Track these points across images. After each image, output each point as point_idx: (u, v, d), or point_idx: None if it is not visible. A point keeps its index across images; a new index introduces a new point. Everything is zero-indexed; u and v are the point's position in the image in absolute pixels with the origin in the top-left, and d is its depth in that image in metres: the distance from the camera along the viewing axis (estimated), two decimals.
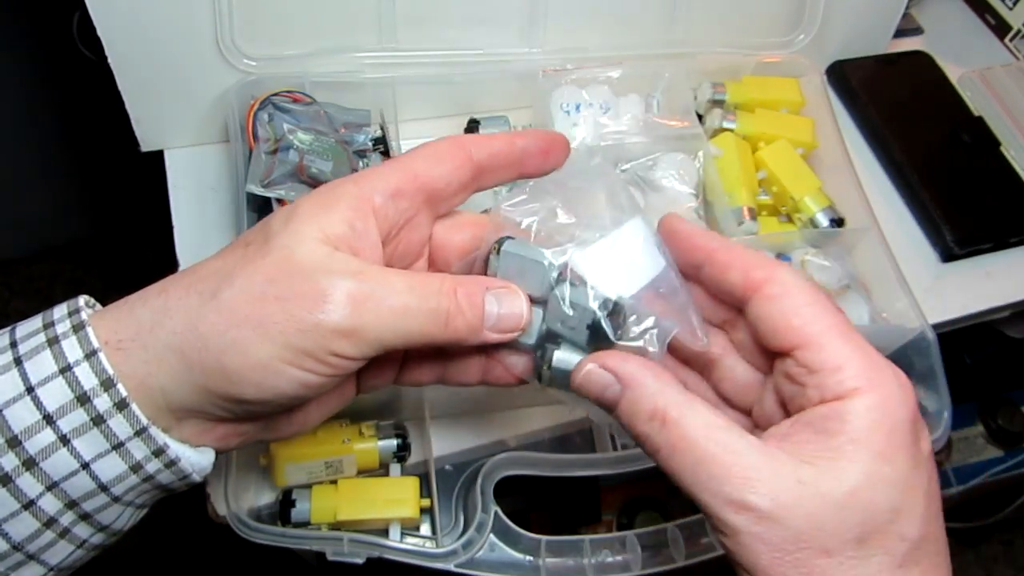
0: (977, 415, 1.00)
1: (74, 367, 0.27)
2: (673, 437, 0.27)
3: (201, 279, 0.28)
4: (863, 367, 0.27)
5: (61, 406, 0.27)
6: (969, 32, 0.75)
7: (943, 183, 0.61)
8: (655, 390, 0.28)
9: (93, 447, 0.27)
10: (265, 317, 0.27)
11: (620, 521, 0.72)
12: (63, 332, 0.27)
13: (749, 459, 0.26)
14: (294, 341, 0.27)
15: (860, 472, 0.26)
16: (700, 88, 0.60)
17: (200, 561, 1.11)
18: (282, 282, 0.27)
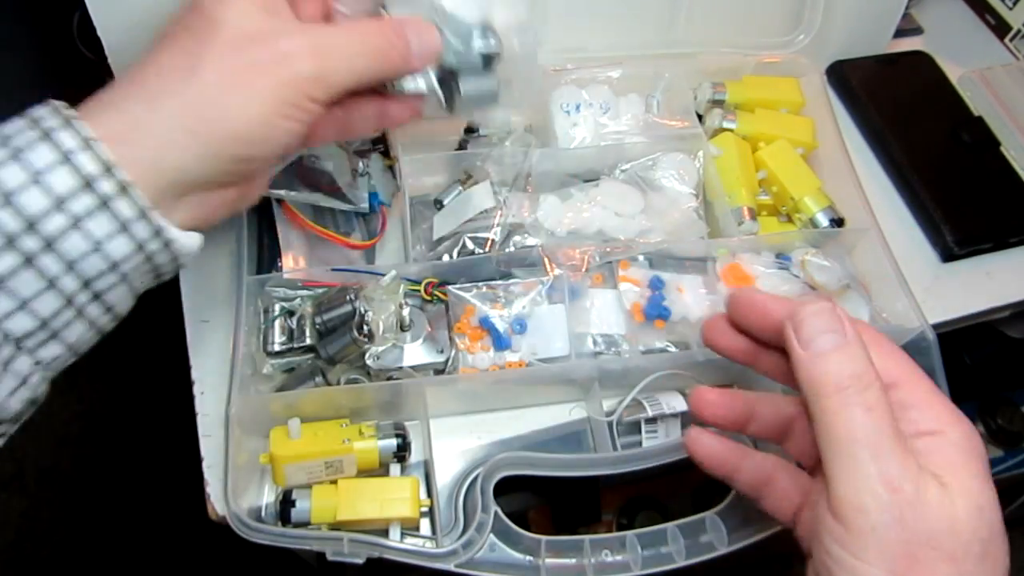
0: (977, 415, 1.00)
1: (75, 154, 0.30)
2: (873, 399, 0.29)
3: (171, 66, 0.33)
4: (946, 407, 0.30)
5: (69, 189, 0.30)
6: (969, 32, 0.75)
7: (943, 183, 0.61)
8: (867, 357, 0.29)
9: (103, 228, 0.30)
10: (251, 81, 0.32)
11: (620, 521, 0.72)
12: (53, 126, 0.30)
13: (909, 454, 0.28)
14: (281, 95, 0.33)
15: (983, 492, 0.28)
16: (700, 88, 0.60)
17: (200, 561, 1.11)
18: (247, 50, 0.32)
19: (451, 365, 0.48)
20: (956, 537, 0.27)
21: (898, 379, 0.30)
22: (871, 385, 0.29)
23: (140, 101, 0.32)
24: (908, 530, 0.27)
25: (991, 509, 0.28)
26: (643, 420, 0.48)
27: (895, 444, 0.28)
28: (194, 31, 0.33)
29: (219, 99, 0.32)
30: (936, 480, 0.28)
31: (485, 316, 0.48)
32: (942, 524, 0.27)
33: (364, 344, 0.46)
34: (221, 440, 0.45)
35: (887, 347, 0.31)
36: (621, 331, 0.49)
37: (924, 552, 0.27)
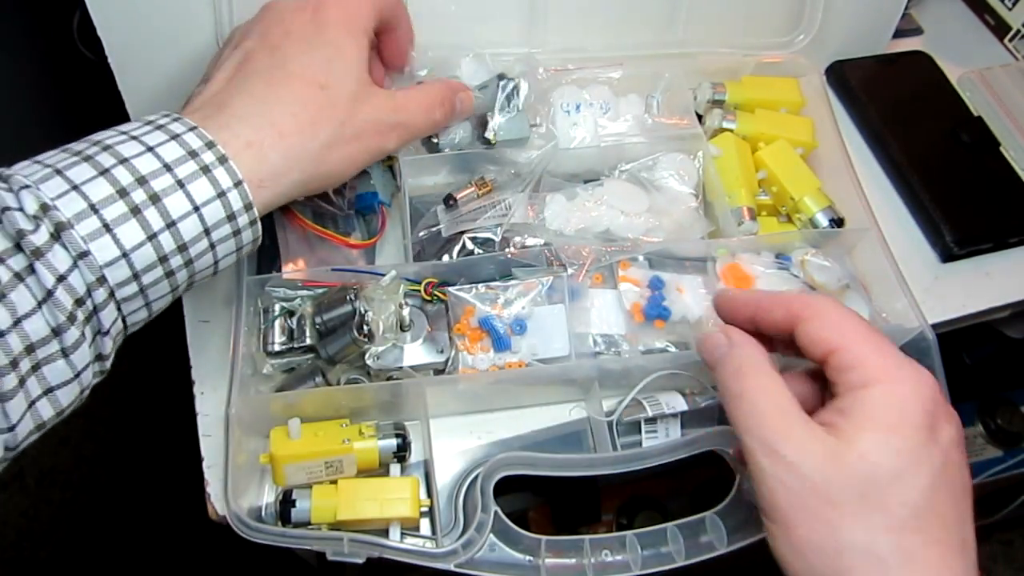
0: (976, 415, 1.00)
1: (184, 135, 0.36)
2: (744, 387, 0.35)
3: (312, 123, 0.39)
4: (880, 363, 0.33)
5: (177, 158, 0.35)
6: (969, 32, 0.75)
7: (943, 183, 0.61)
8: (748, 352, 0.36)
9: (203, 192, 0.35)
10: (354, 149, 0.42)
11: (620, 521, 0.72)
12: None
13: (789, 420, 0.33)
14: (370, 159, 0.44)
15: (869, 440, 0.31)
16: (700, 88, 0.60)
17: (200, 561, 1.11)
18: (358, 120, 0.42)
19: (451, 365, 0.48)
20: (830, 484, 0.31)
21: (837, 346, 0.34)
22: (743, 376, 0.35)
23: (286, 156, 0.39)
24: (787, 486, 0.32)
25: (878, 454, 0.31)
26: (643, 420, 0.48)
27: (771, 417, 0.33)
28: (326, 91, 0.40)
29: (327, 157, 0.40)
30: (830, 434, 0.32)
31: (485, 317, 0.48)
32: (817, 474, 0.31)
33: (364, 344, 0.46)
34: (221, 440, 0.45)
35: (833, 318, 0.35)
36: (621, 331, 0.49)
37: (805, 501, 0.31)
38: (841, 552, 0.30)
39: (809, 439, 0.32)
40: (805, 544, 0.31)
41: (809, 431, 0.32)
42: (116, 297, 0.33)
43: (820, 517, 0.31)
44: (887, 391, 0.32)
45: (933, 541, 0.30)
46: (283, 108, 0.38)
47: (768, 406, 0.34)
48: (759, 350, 0.36)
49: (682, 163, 0.55)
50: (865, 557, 0.30)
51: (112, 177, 0.32)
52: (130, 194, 0.32)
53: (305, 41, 0.41)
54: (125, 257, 0.32)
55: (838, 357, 0.34)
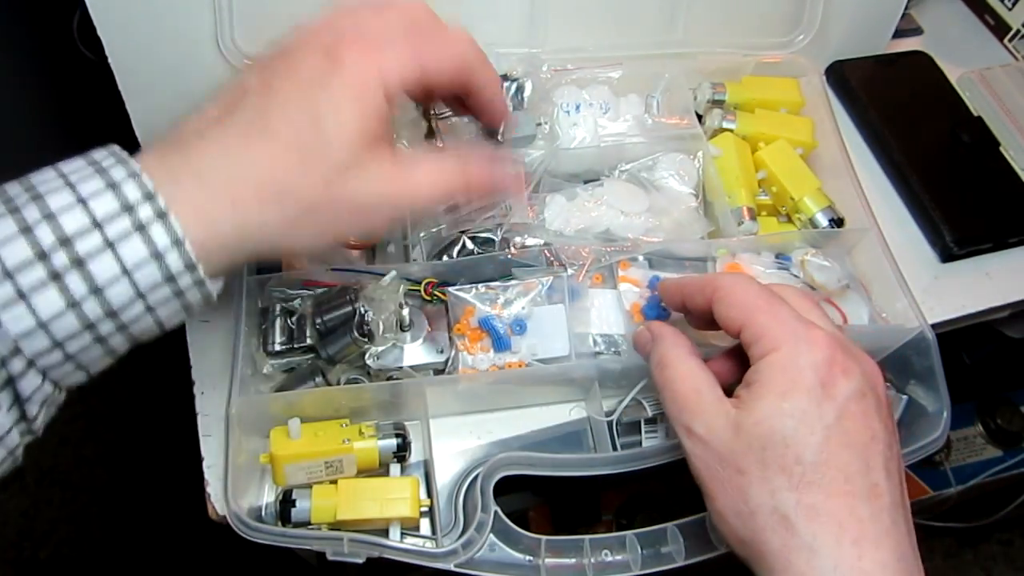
0: (976, 415, 1.00)
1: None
2: (666, 377, 0.38)
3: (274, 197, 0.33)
4: (778, 332, 0.35)
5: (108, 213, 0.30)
6: (968, 32, 0.75)
7: (942, 183, 0.61)
8: (669, 344, 0.39)
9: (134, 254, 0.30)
10: (328, 233, 0.36)
11: (620, 521, 0.72)
12: (147, 219, 0.30)
13: (703, 400, 0.36)
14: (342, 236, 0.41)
15: (764, 407, 0.33)
16: (700, 88, 0.61)
17: (200, 561, 1.12)
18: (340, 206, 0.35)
19: (451, 365, 0.48)
20: (734, 453, 0.34)
21: (743, 321, 0.36)
22: (664, 367, 0.38)
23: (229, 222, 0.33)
24: (702, 460, 0.35)
25: (771, 419, 0.33)
26: (643, 420, 0.48)
27: (688, 400, 0.36)
28: (298, 140, 0.33)
29: (289, 233, 0.34)
30: (736, 407, 0.34)
31: (485, 317, 0.48)
32: (723, 445, 0.34)
33: (364, 344, 0.46)
34: (221, 440, 0.45)
35: (739, 296, 0.37)
36: (621, 331, 0.49)
37: (718, 472, 0.34)
38: (754, 514, 0.33)
39: (716, 414, 0.35)
40: (725, 511, 0.34)
41: (717, 407, 0.35)
42: (36, 365, 0.30)
43: (732, 485, 0.33)
44: (780, 357, 0.34)
45: (836, 493, 0.32)
46: (249, 172, 0.33)
47: (686, 389, 0.36)
48: (679, 340, 0.39)
49: (682, 163, 0.55)
50: (773, 516, 0.32)
51: (33, 238, 0.29)
52: (50, 257, 0.29)
53: (302, 90, 0.34)
54: (43, 327, 0.29)
55: (745, 333, 0.36)
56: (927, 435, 0.47)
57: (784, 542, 0.32)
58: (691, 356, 0.38)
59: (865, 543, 0.31)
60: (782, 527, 0.32)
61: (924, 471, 0.96)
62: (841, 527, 0.31)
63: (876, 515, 0.32)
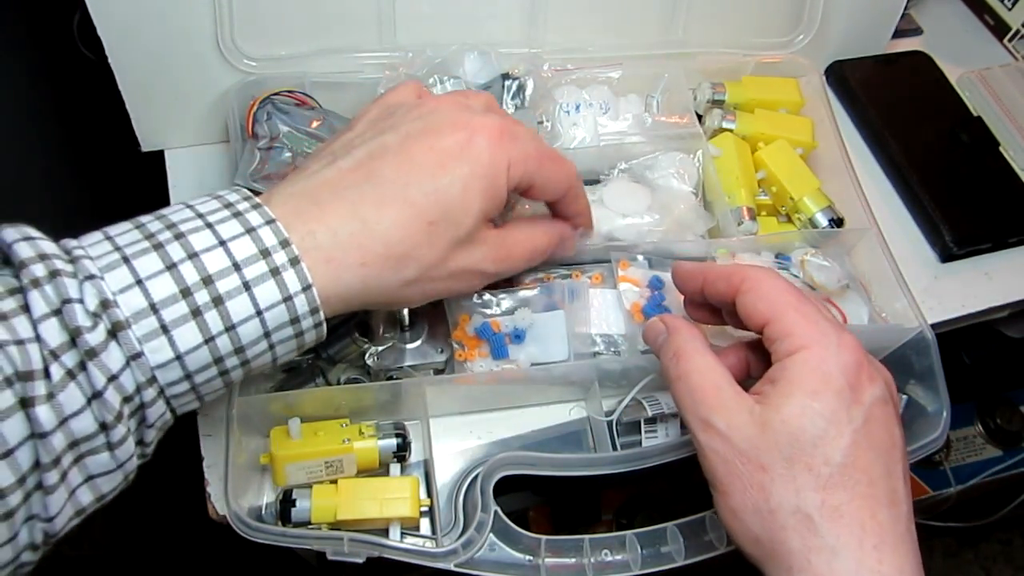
0: (976, 415, 1.00)
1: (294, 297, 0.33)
2: (681, 370, 0.37)
3: (399, 259, 0.36)
4: (807, 331, 0.34)
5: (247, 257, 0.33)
6: (968, 32, 0.75)
7: (942, 183, 0.61)
8: (684, 337, 0.38)
9: (269, 295, 0.33)
10: (438, 292, 0.40)
11: (620, 521, 0.72)
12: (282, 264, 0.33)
13: (722, 394, 0.35)
14: (447, 296, 0.43)
15: (793, 405, 0.33)
16: (700, 88, 0.61)
17: (200, 561, 1.11)
18: (452, 271, 0.39)
19: (450, 365, 0.48)
20: (758, 449, 0.33)
21: (769, 318, 0.35)
22: (679, 359, 0.37)
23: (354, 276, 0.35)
24: (722, 456, 0.34)
25: (800, 418, 0.33)
26: (643, 420, 0.48)
27: (706, 394, 0.35)
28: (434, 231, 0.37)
29: (405, 291, 0.38)
30: (758, 403, 0.34)
31: (482, 325, 0.48)
32: (746, 442, 0.33)
33: (364, 344, 0.46)
34: (221, 440, 0.45)
35: (766, 289, 0.36)
36: (621, 331, 0.49)
37: (738, 468, 0.33)
38: (774, 512, 0.32)
39: (739, 410, 0.34)
40: (741, 508, 0.33)
41: (739, 402, 0.34)
42: (166, 395, 0.32)
43: (753, 482, 0.33)
44: (810, 357, 0.34)
45: (859, 496, 0.32)
46: (380, 234, 0.35)
47: (703, 383, 0.35)
48: (694, 333, 0.38)
49: (682, 163, 0.55)
50: (795, 516, 0.32)
51: (178, 274, 0.31)
52: (194, 295, 0.31)
53: (442, 167, 0.36)
54: (179, 359, 0.31)
55: (771, 328, 0.35)
56: (927, 435, 0.47)
57: (805, 542, 0.32)
58: (708, 350, 0.37)
59: (885, 548, 0.31)
60: (804, 527, 0.32)
61: (924, 471, 0.96)
62: (863, 530, 0.31)
63: (895, 520, 0.32)
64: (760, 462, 0.33)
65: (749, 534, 0.33)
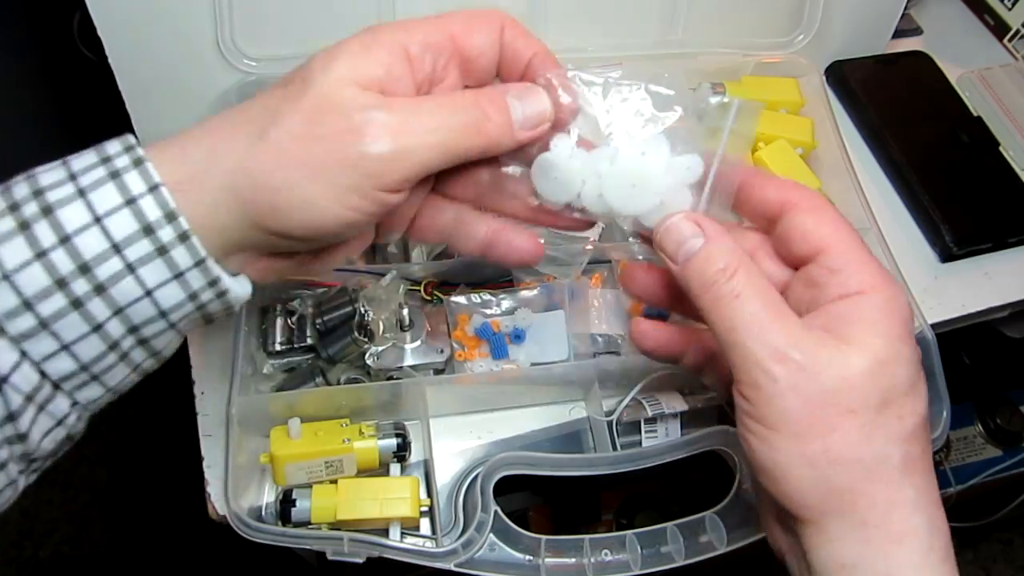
0: (975, 415, 1.00)
1: (139, 199, 0.28)
2: (740, 286, 0.30)
3: (247, 119, 0.30)
4: (875, 272, 0.31)
5: (128, 236, 0.28)
6: (968, 33, 0.75)
7: (942, 183, 0.61)
8: (731, 247, 0.31)
9: (157, 276, 0.29)
10: (310, 156, 0.29)
11: (619, 521, 0.72)
12: (123, 166, 0.29)
13: (792, 324, 0.30)
14: (340, 179, 0.29)
15: (885, 348, 0.29)
16: (700, 88, 0.60)
17: (200, 561, 1.11)
18: (321, 122, 0.29)
19: (450, 365, 0.48)
20: (851, 391, 0.29)
21: (829, 245, 0.31)
22: (736, 272, 0.31)
23: (202, 152, 0.30)
24: (803, 393, 0.29)
25: (896, 363, 0.30)
26: (642, 420, 0.48)
27: (773, 318, 0.30)
28: (286, 89, 0.30)
29: (273, 168, 0.29)
30: (835, 340, 0.30)
31: (482, 326, 0.48)
32: (836, 380, 0.29)
33: (364, 344, 0.46)
34: (221, 440, 0.45)
35: (828, 215, 0.32)
36: (621, 331, 0.50)
37: (822, 409, 0.29)
38: (859, 461, 0.29)
39: (819, 344, 0.30)
40: (818, 454, 0.29)
41: (817, 337, 0.30)
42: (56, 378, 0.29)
43: (836, 426, 0.29)
44: (888, 298, 0.30)
45: (927, 450, 0.31)
46: (235, 114, 0.31)
47: (770, 308, 0.30)
48: (736, 244, 0.32)
49: None
50: (881, 466, 0.29)
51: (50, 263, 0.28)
52: (70, 285, 0.28)
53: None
54: (69, 352, 0.29)
55: (830, 258, 0.31)
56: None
57: (887, 494, 0.29)
58: (757, 265, 0.32)
59: (940, 504, 0.31)
60: (888, 478, 0.29)
61: None
62: (931, 485, 0.30)
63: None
64: (848, 405, 0.29)
65: (821, 485, 0.29)
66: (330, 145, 0.29)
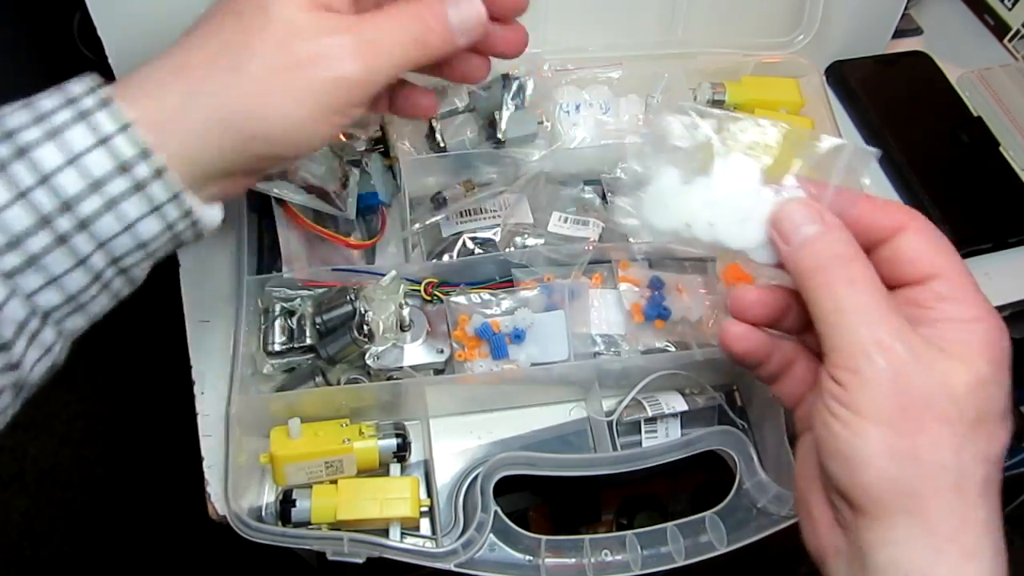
0: None
1: (112, 138, 0.30)
2: (856, 274, 0.31)
3: (215, 54, 0.32)
4: (982, 303, 0.32)
5: (105, 173, 0.30)
6: (968, 33, 0.75)
7: (942, 183, 0.61)
8: (852, 239, 0.32)
9: (135, 210, 0.31)
10: (291, 85, 0.32)
11: (619, 521, 0.72)
12: (92, 106, 0.30)
13: (903, 322, 0.30)
14: (322, 100, 0.32)
15: (988, 371, 0.30)
16: (700, 88, 0.61)
17: (200, 561, 1.12)
18: (292, 51, 0.32)
19: (450, 365, 0.48)
20: (951, 400, 0.29)
21: (941, 271, 0.32)
22: (853, 260, 0.31)
23: (179, 91, 0.32)
24: (901, 387, 0.29)
25: (995, 387, 0.30)
26: (643, 420, 0.48)
27: (884, 310, 0.30)
28: (243, 20, 0.33)
29: (257, 100, 0.32)
30: (940, 350, 0.30)
31: (482, 326, 0.48)
32: (937, 386, 0.29)
33: (364, 344, 0.46)
34: (221, 440, 0.45)
35: (938, 241, 0.33)
36: (621, 331, 0.50)
37: (917, 409, 0.29)
38: (944, 469, 0.29)
39: (926, 347, 0.30)
40: (907, 451, 0.29)
41: (924, 341, 0.30)
42: (44, 309, 0.31)
43: (930, 430, 0.29)
44: (992, 331, 0.31)
45: (1000, 477, 0.30)
46: (196, 52, 0.33)
47: (882, 301, 0.30)
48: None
49: None
50: (963, 479, 0.29)
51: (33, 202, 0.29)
52: (54, 222, 0.29)
53: None
54: (58, 284, 0.30)
55: (942, 283, 0.32)
56: None
57: (965, 511, 0.29)
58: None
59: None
60: (968, 493, 0.29)
61: None
62: (999, 512, 0.30)
63: None
64: (945, 412, 0.29)
65: (900, 482, 0.29)
66: (307, 72, 0.32)
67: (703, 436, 0.47)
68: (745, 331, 0.37)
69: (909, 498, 0.29)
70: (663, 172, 0.35)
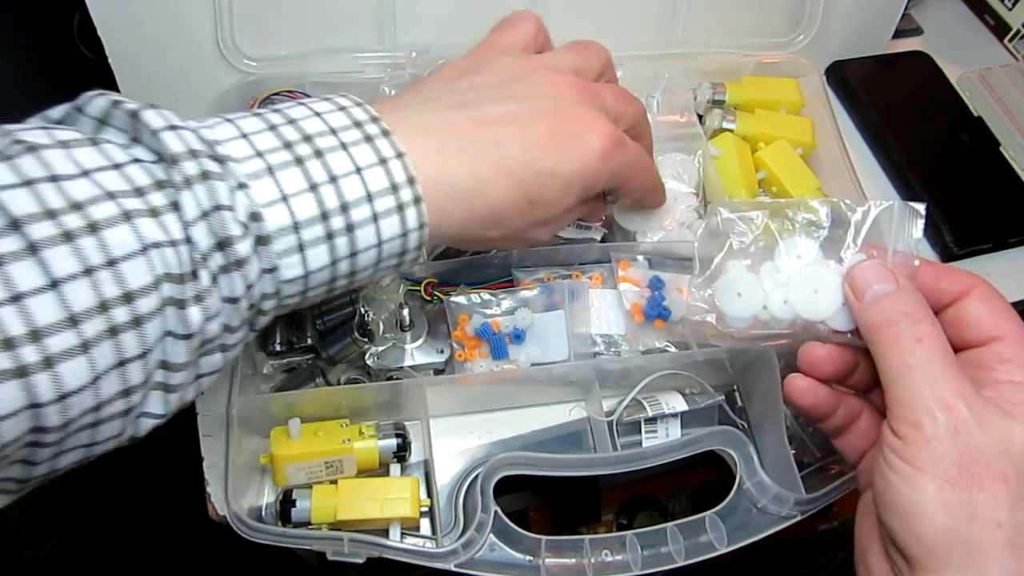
0: None
1: (388, 161, 0.33)
2: (924, 332, 0.32)
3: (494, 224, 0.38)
4: None
5: (380, 189, 0.33)
6: (968, 33, 0.75)
7: (942, 183, 0.61)
8: (922, 299, 0.34)
9: (391, 230, 0.34)
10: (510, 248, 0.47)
11: (620, 521, 0.72)
12: (375, 133, 0.34)
13: (967, 382, 0.32)
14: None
15: None
16: (700, 88, 0.61)
17: (200, 561, 1.11)
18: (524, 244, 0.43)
19: (450, 365, 0.48)
20: (1009, 459, 0.30)
21: (1004, 334, 0.33)
22: (922, 320, 0.33)
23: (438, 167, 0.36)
24: (961, 444, 0.30)
25: None
26: (643, 420, 0.48)
27: (948, 369, 0.31)
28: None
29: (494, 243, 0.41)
30: (1001, 411, 0.31)
31: (483, 326, 0.48)
32: (996, 445, 0.30)
33: (364, 344, 0.46)
34: (221, 440, 0.45)
35: (1001, 305, 0.34)
36: (621, 331, 0.49)
37: (976, 467, 0.30)
38: (1000, 526, 0.30)
39: (986, 408, 0.31)
40: (963, 507, 0.30)
41: (985, 401, 0.31)
42: (281, 296, 0.33)
43: (987, 487, 0.30)
44: None
45: None
46: (489, 199, 0.37)
47: (948, 360, 0.32)
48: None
49: (682, 163, 0.55)
50: (1018, 537, 0.30)
51: (320, 197, 0.32)
52: (331, 219, 0.32)
53: (558, 157, 0.38)
54: (305, 277, 0.32)
55: (1005, 345, 0.33)
56: None
57: (1018, 568, 0.30)
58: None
59: None
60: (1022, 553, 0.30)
61: None
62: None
63: None
64: (1003, 471, 0.30)
65: (954, 536, 0.30)
66: (522, 245, 0.46)
67: (703, 436, 0.47)
68: (809, 384, 0.38)
69: (964, 553, 0.30)
70: (730, 267, 0.39)
